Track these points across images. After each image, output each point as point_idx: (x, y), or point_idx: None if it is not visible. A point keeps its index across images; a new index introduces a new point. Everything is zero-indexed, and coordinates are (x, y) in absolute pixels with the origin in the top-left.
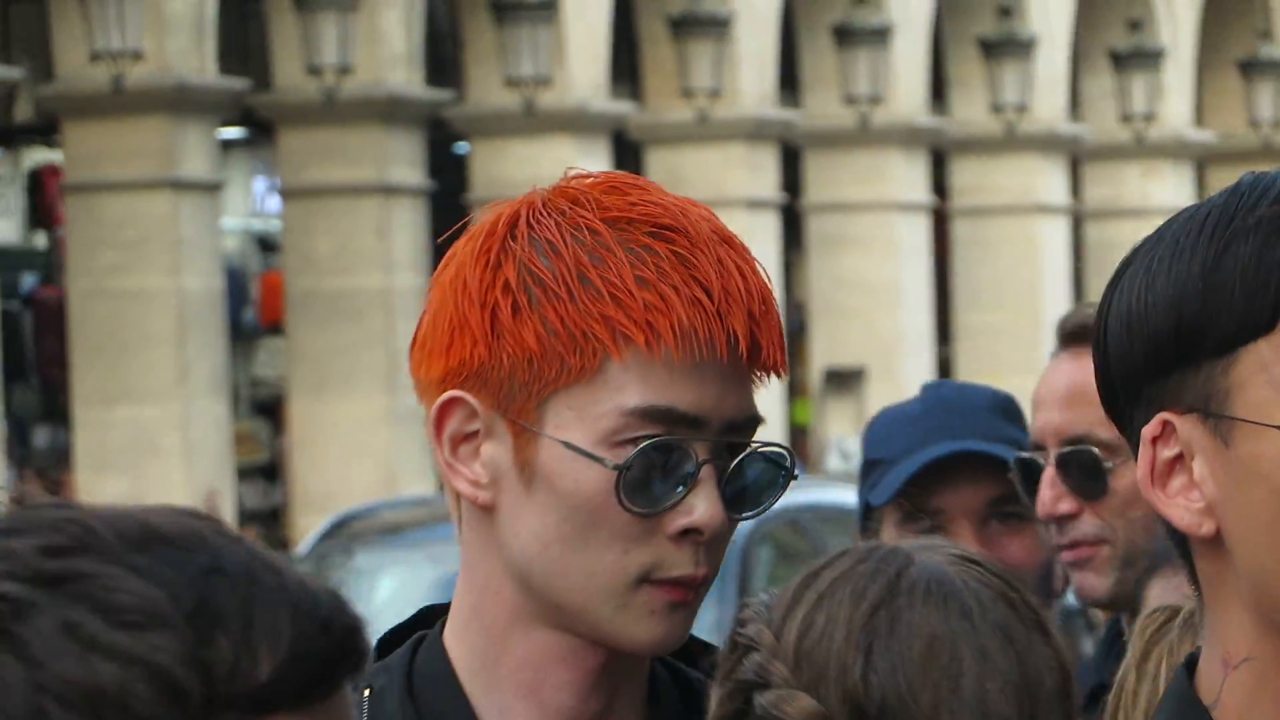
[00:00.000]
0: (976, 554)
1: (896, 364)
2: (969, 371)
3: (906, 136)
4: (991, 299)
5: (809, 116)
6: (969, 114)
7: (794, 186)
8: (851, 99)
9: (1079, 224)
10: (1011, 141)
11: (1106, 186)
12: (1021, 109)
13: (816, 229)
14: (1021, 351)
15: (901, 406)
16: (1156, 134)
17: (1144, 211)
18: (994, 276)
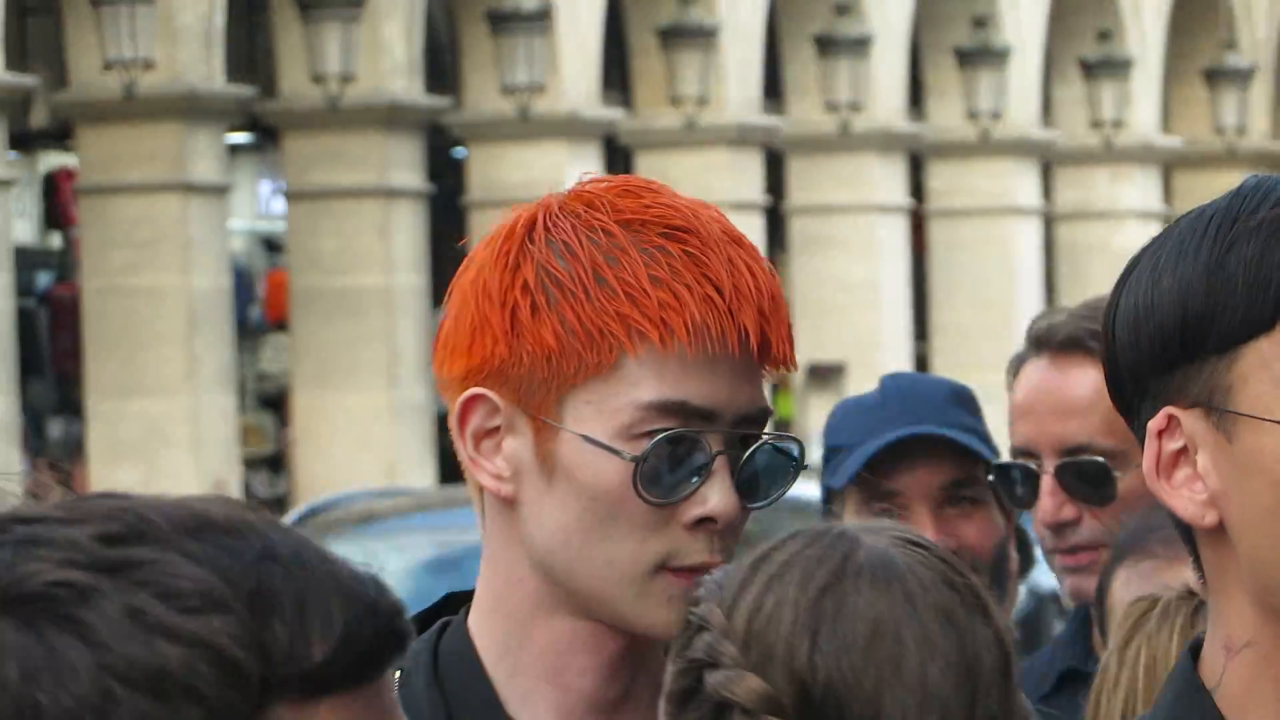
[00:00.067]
0: (921, 537)
1: (875, 359)
2: (944, 367)
3: (885, 142)
4: (966, 297)
5: (792, 122)
6: (945, 120)
7: (777, 189)
8: (832, 106)
9: (1050, 226)
10: (986, 147)
11: (1077, 190)
12: (995, 115)
13: (799, 230)
14: (995, 347)
15: (861, 397)
16: (1125, 140)
17: (1112, 214)
18: (969, 276)
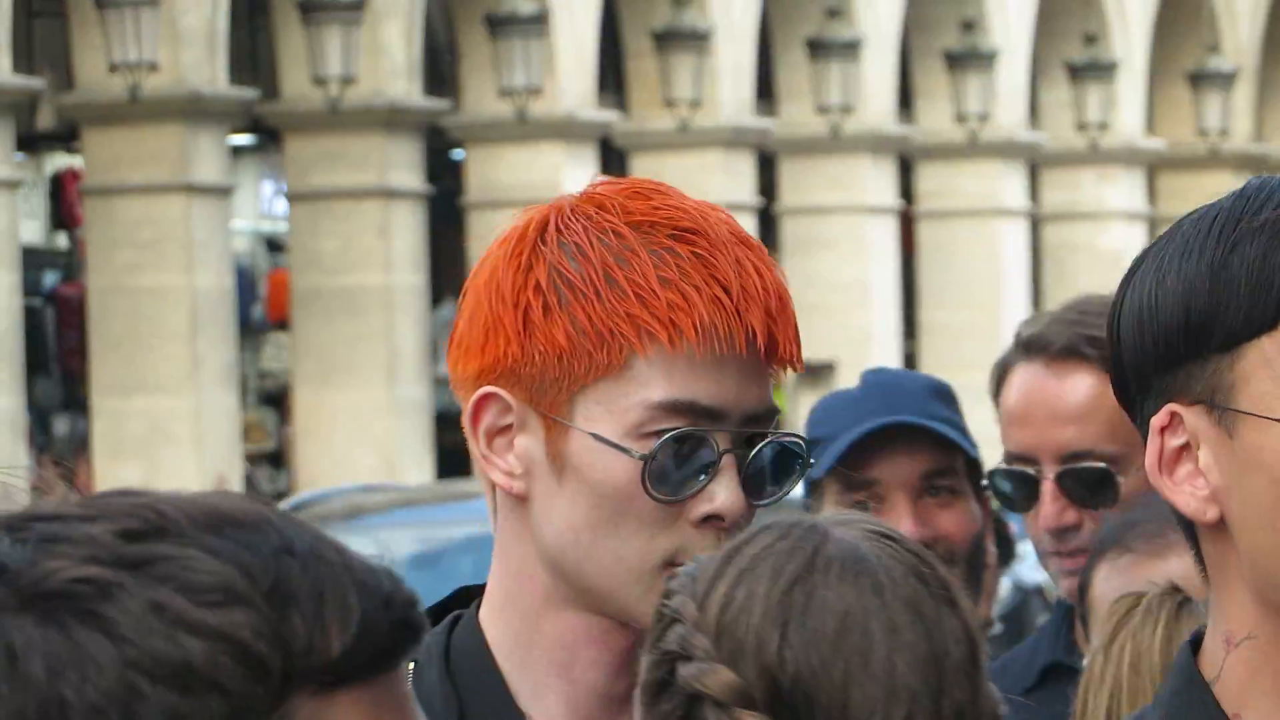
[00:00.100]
0: (892, 530)
1: (865, 358)
2: (932, 365)
3: (875, 144)
4: (955, 297)
5: (784, 125)
6: (934, 123)
7: (769, 191)
8: (824, 108)
9: (1037, 227)
10: (974, 149)
11: (1063, 191)
12: (983, 118)
13: (790, 231)
14: (982, 346)
15: (842, 391)
16: (1110, 142)
17: (1098, 215)
18: (957, 276)
